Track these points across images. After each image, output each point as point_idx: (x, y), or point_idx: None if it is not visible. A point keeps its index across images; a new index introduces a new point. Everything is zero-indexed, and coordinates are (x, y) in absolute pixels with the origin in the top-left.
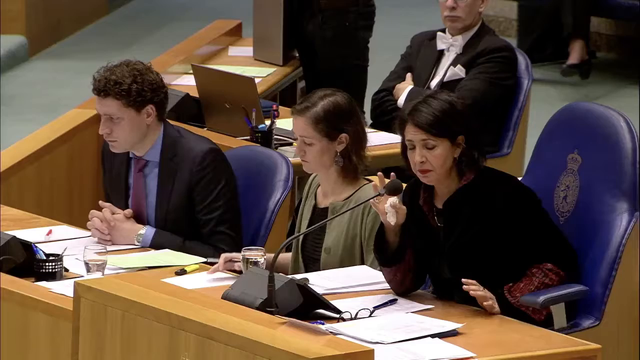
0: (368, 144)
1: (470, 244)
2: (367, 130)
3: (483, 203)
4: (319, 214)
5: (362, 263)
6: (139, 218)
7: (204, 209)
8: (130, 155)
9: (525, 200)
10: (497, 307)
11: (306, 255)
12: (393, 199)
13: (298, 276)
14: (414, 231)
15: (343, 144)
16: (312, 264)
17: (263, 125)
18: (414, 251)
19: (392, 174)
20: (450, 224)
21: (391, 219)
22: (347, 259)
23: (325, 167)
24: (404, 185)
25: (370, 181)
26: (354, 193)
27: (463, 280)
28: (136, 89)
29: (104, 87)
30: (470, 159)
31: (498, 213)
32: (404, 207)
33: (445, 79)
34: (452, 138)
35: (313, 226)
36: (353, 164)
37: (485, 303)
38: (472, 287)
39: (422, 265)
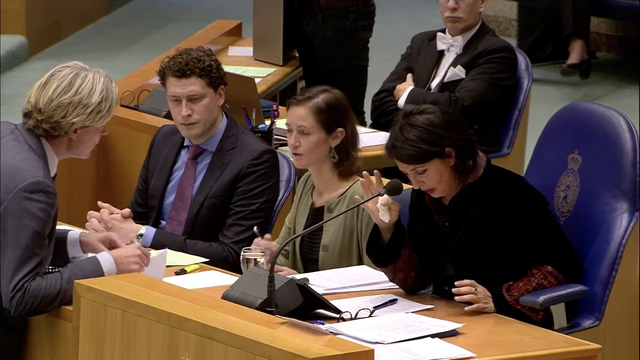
0: (368, 144)
1: (475, 242)
2: (368, 130)
3: (489, 202)
4: (315, 213)
5: (360, 258)
6: (183, 205)
7: (242, 199)
8: (186, 143)
9: (530, 200)
10: (489, 307)
11: (304, 255)
12: (384, 197)
13: (298, 276)
14: (421, 229)
15: (338, 139)
16: (311, 264)
17: (263, 125)
18: (417, 250)
19: (376, 171)
20: (455, 222)
21: (384, 217)
22: (345, 255)
23: (318, 162)
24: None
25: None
26: (348, 189)
27: (456, 283)
28: (215, 66)
29: (187, 67)
30: (462, 168)
31: (503, 212)
32: (397, 204)
33: (445, 80)
34: (440, 155)
35: (312, 227)
36: (349, 160)
37: (467, 308)
38: (462, 290)
39: (426, 264)
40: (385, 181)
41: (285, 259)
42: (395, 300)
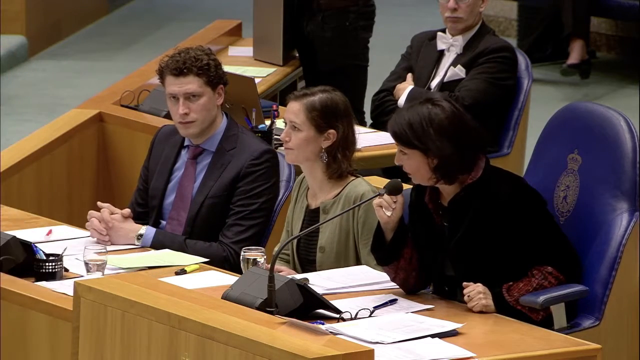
0: (368, 144)
1: (474, 242)
2: (368, 130)
3: (488, 202)
4: (311, 215)
5: (357, 257)
6: (183, 205)
7: (242, 199)
8: (186, 143)
9: (529, 201)
10: (490, 303)
11: (301, 257)
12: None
13: (298, 276)
14: (420, 229)
15: (329, 141)
16: (308, 266)
17: (263, 125)
18: (419, 250)
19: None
20: (455, 222)
21: (387, 212)
22: (342, 256)
23: (307, 160)
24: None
25: (358, 176)
26: (342, 190)
27: (465, 291)
28: (214, 65)
29: (184, 65)
30: (439, 176)
31: (502, 213)
32: (401, 199)
33: (445, 79)
34: (422, 151)
35: (308, 229)
36: (337, 163)
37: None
38: (472, 294)
39: (426, 263)
40: (386, 181)
41: (286, 264)
42: (395, 300)
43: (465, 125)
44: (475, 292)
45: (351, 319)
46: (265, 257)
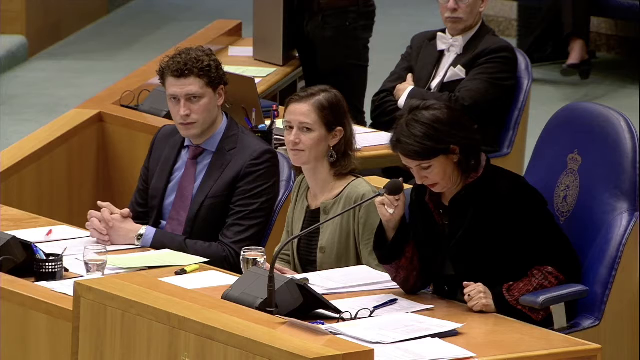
0: (368, 144)
1: (474, 241)
2: (368, 130)
3: (488, 201)
4: (312, 215)
5: (358, 258)
6: (183, 205)
7: (242, 199)
8: (186, 143)
9: (530, 200)
10: (490, 303)
11: (302, 257)
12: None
13: (298, 276)
14: (421, 228)
15: (337, 138)
16: (309, 266)
17: (263, 125)
18: (419, 249)
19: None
20: (455, 221)
21: (390, 209)
22: (343, 256)
23: (315, 160)
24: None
25: (358, 177)
26: (343, 190)
27: (466, 290)
28: (215, 66)
29: (185, 67)
30: (466, 166)
31: (503, 212)
32: (403, 197)
33: (445, 80)
34: (445, 152)
35: (308, 229)
36: (347, 159)
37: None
38: (472, 293)
39: (428, 263)
40: (386, 181)
41: (287, 265)
42: (395, 300)
43: (460, 111)
44: (476, 291)
45: (351, 319)
46: (265, 257)
